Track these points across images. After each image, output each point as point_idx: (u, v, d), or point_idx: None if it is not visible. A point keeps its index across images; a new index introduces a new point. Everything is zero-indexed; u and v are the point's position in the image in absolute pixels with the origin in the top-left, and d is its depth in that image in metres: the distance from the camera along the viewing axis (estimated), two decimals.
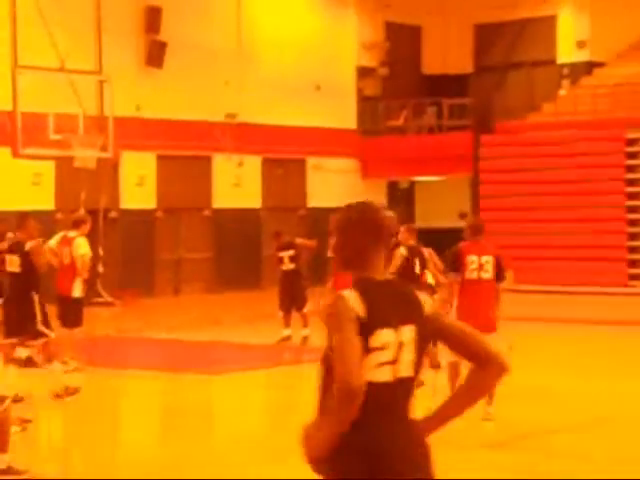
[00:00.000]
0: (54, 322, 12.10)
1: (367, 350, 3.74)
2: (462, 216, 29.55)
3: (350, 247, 3.90)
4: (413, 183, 30.39)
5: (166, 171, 26.24)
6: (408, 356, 3.87)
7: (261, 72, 27.51)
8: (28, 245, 11.66)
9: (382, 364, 3.79)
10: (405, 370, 3.89)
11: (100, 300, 24.10)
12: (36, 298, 11.36)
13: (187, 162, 26.58)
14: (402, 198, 29.59)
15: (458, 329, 4.04)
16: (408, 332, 3.85)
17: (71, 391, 11.09)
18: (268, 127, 27.57)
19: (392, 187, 30.31)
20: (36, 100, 21.58)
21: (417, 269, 12.17)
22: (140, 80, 25.50)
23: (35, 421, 9.89)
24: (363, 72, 30.23)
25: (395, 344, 3.81)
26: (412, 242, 12.53)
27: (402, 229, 12.56)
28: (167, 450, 9.39)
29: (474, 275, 10.40)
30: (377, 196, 29.90)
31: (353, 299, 3.78)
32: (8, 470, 8.00)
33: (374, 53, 30.45)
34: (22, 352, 14.07)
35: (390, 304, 3.83)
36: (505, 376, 3.95)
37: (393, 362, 3.82)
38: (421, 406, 4.10)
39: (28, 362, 14.08)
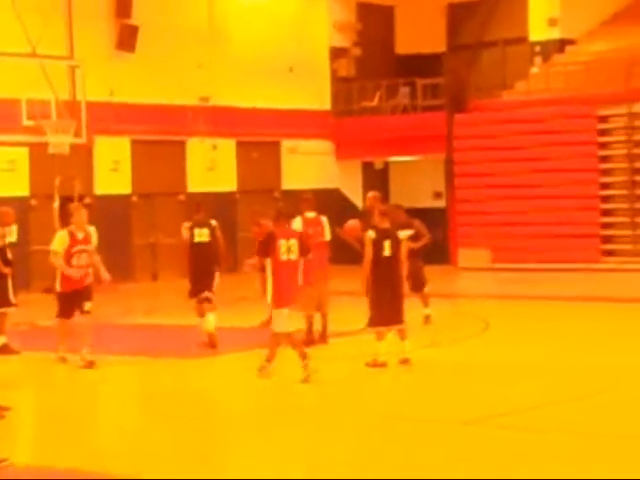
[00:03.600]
0: None
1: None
2: (437, 195, 29.72)
3: None
4: (388, 164, 30.43)
5: (140, 156, 26.15)
6: None
7: (234, 54, 27.43)
8: None
9: None
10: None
11: None
12: None
13: (161, 146, 26.50)
14: (377, 179, 29.62)
15: None
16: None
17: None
18: (242, 110, 27.52)
19: (367, 168, 30.34)
20: (8, 86, 21.46)
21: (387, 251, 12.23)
22: (112, 64, 25.37)
23: (15, 408, 9.88)
24: (336, 53, 30.18)
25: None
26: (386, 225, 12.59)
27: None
28: (147, 434, 9.41)
29: (284, 257, 11.59)
30: (352, 177, 29.96)
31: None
32: None
33: (347, 34, 30.40)
34: None
35: None
36: None
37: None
38: None
39: (4, 349, 14.08)
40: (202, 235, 14.57)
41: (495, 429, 9.11)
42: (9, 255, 14.23)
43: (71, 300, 12.94)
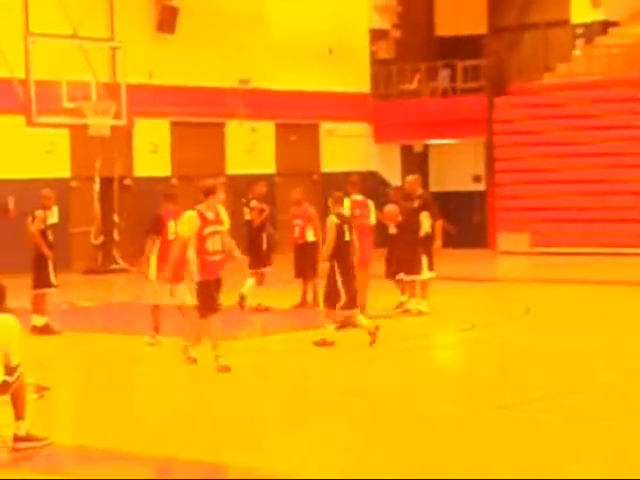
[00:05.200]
0: None
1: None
2: (476, 179, 29.53)
3: None
4: (427, 147, 30.26)
5: (180, 138, 26.21)
6: None
7: (273, 37, 27.38)
8: None
9: None
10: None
11: (116, 267, 24.21)
12: None
13: (201, 128, 26.54)
14: (416, 162, 29.48)
15: None
16: None
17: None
18: (281, 92, 27.47)
19: (406, 151, 30.20)
20: (49, 68, 21.53)
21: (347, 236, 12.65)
22: (152, 46, 25.42)
23: (55, 388, 9.95)
24: (376, 35, 30.03)
25: None
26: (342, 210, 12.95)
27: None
28: (185, 416, 9.44)
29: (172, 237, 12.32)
30: (390, 160, 29.83)
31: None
32: (27, 437, 8.07)
33: (387, 15, 30.22)
34: (38, 320, 14.20)
35: None
36: None
37: None
38: None
39: (45, 329, 14.21)
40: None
41: (530, 413, 9.04)
42: (50, 237, 14.34)
43: (213, 290, 11.21)
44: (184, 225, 11.33)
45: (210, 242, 11.19)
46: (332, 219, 12.64)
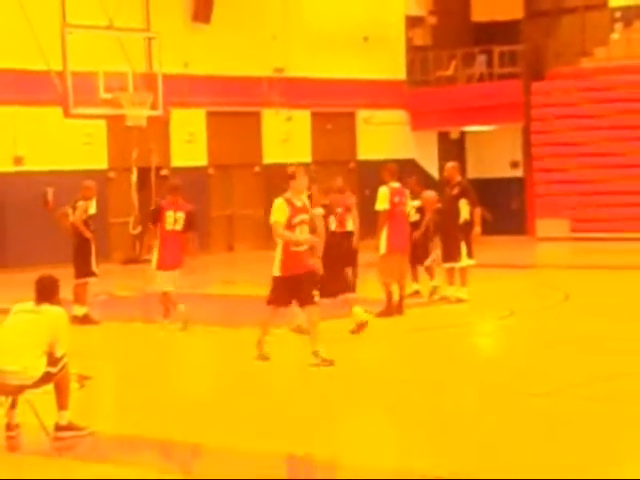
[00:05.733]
0: None
1: None
2: (514, 165, 29.34)
3: None
4: (464, 133, 30.09)
5: (216, 127, 26.25)
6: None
7: (308, 25, 27.31)
8: None
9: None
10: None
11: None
12: None
13: (236, 118, 26.56)
14: (453, 149, 29.33)
15: None
16: None
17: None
18: (316, 81, 27.42)
19: (443, 138, 30.05)
20: (85, 59, 21.63)
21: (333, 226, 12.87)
22: (188, 36, 25.46)
23: (95, 378, 10.00)
24: (412, 21, 29.88)
25: None
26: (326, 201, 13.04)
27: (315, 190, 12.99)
28: (225, 407, 9.45)
29: (170, 227, 13.07)
30: (427, 147, 29.70)
31: None
32: (69, 426, 8.12)
33: (422, 2, 30.06)
34: (79, 310, 14.29)
35: None
36: None
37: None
38: None
39: (85, 319, 14.29)
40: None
41: (571, 399, 8.97)
42: (91, 227, 14.44)
43: (291, 285, 10.65)
44: (276, 213, 10.61)
45: (298, 231, 10.63)
46: (318, 211, 12.49)
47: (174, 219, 13.20)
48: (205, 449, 7.96)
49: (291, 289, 10.62)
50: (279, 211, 10.61)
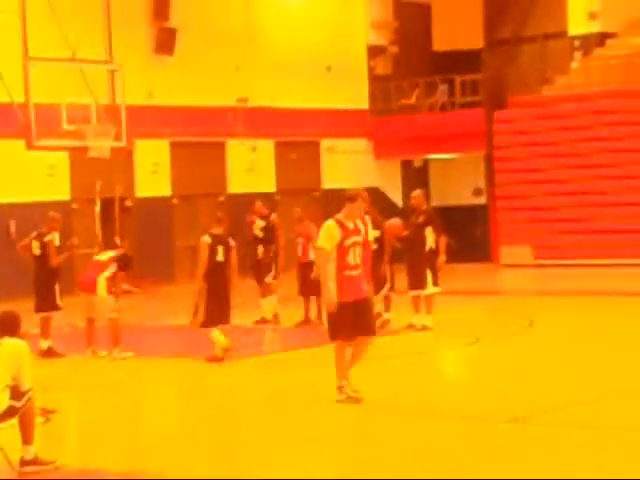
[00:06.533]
0: None
1: None
2: (477, 192, 29.54)
3: None
4: (427, 161, 30.29)
5: (180, 158, 26.25)
6: None
7: (271, 55, 27.44)
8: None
9: None
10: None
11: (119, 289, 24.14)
12: None
13: (201, 148, 26.57)
14: (416, 177, 29.50)
15: None
16: None
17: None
18: (280, 110, 27.52)
19: (406, 166, 30.22)
20: (48, 91, 21.54)
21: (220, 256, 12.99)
22: (151, 67, 25.49)
23: (60, 411, 9.92)
24: (374, 51, 30.10)
25: None
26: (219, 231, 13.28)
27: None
28: (190, 437, 9.41)
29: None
30: (391, 175, 29.86)
31: None
32: (34, 461, 8.04)
33: (384, 32, 30.31)
34: (43, 343, 14.18)
35: None
36: None
37: None
38: None
39: (49, 352, 14.17)
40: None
41: (540, 427, 9.01)
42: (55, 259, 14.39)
43: (352, 313, 9.91)
44: (324, 238, 10.02)
45: (351, 255, 10.00)
46: (204, 239, 12.92)
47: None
48: None
49: (352, 317, 9.84)
50: (329, 236, 9.98)
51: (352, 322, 9.85)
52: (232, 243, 13.20)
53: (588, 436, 8.57)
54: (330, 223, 10.04)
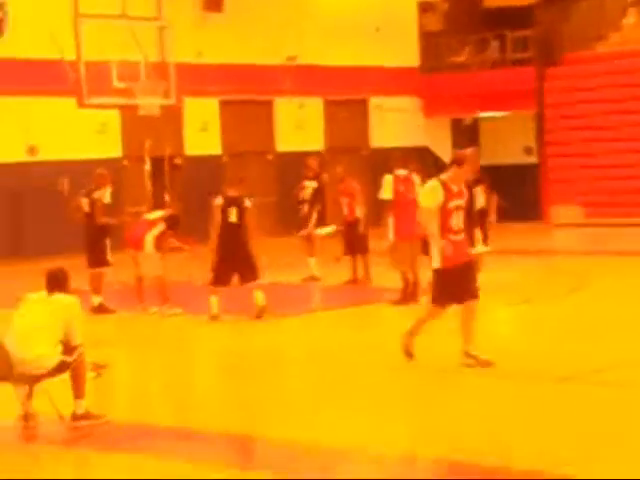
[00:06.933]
0: None
1: None
2: (528, 151, 29.23)
3: None
4: (477, 120, 30.00)
5: (229, 116, 26.24)
6: None
7: (320, 12, 27.25)
8: None
9: None
10: None
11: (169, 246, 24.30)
12: None
13: (249, 106, 26.53)
14: (466, 135, 29.23)
15: None
16: None
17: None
18: (329, 68, 27.36)
19: (456, 124, 29.96)
20: (98, 48, 21.64)
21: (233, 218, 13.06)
22: (200, 25, 25.42)
23: (111, 366, 10.03)
24: (424, 7, 29.77)
25: None
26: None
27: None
28: (240, 395, 9.47)
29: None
30: (441, 134, 29.62)
31: None
32: (86, 415, 8.15)
33: None
34: (94, 299, 14.33)
35: None
36: None
37: None
38: None
39: (100, 308, 14.33)
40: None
41: (591, 386, 8.95)
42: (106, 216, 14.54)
43: (456, 277, 9.65)
44: (427, 195, 9.73)
45: (455, 218, 9.64)
46: (216, 201, 13.02)
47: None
48: (221, 437, 7.97)
49: (457, 281, 9.60)
50: (431, 195, 9.63)
51: (459, 286, 9.63)
52: (247, 204, 13.20)
53: (635, 395, 8.49)
54: (434, 183, 9.69)
